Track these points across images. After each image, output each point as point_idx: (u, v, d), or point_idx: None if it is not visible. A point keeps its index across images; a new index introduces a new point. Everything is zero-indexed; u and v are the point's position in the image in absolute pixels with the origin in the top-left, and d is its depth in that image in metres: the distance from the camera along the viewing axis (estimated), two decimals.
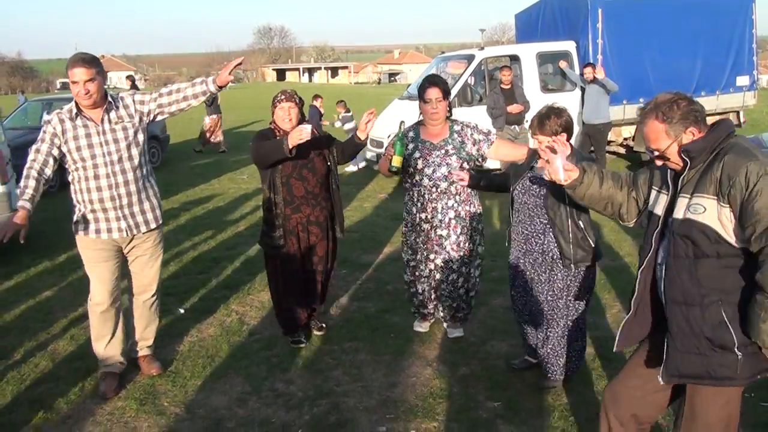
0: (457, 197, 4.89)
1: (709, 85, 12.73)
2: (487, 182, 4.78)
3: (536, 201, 4.11)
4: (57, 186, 10.39)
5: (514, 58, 12.60)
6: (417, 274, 5.11)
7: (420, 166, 4.87)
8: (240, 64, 4.48)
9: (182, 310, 5.98)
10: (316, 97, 15.70)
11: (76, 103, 4.19)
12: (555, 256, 4.11)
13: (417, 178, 4.91)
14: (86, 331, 5.39)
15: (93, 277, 4.46)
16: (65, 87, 40.57)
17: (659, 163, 2.79)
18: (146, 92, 4.52)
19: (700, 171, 2.65)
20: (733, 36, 12.92)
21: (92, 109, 4.21)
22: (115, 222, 4.34)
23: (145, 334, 4.79)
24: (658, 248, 2.84)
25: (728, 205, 2.55)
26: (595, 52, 12.02)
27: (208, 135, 17.67)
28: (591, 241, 4.08)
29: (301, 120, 4.96)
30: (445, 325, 5.27)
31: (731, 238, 2.58)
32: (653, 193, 2.94)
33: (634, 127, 12.25)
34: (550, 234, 4.08)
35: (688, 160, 2.66)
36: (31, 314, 6.06)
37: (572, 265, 4.05)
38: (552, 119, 3.92)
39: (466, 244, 4.98)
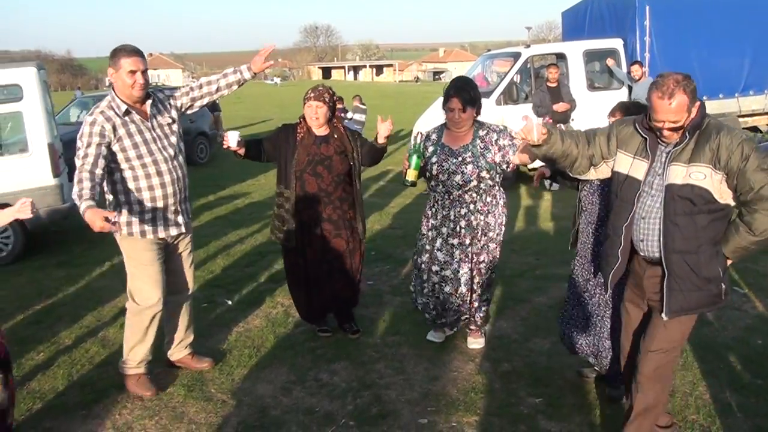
0: (472, 206, 4.68)
1: (758, 84, 12.48)
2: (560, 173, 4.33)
3: (606, 201, 3.93)
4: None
5: (561, 56, 12.49)
6: (421, 287, 4.95)
7: (435, 171, 4.69)
8: (272, 50, 4.49)
9: (229, 302, 6.11)
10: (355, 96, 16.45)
11: (121, 99, 4.08)
12: None
13: (432, 183, 4.78)
14: None
15: (146, 280, 4.27)
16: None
17: (668, 134, 3.13)
18: (176, 87, 4.57)
19: (688, 144, 3.13)
20: None
21: (140, 104, 4.16)
22: (173, 217, 4.30)
23: (188, 332, 4.75)
24: (637, 205, 3.29)
25: (721, 173, 3.08)
26: (642, 49, 11.87)
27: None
28: None
29: (331, 118, 4.99)
30: (468, 332, 5.10)
31: (719, 198, 3.13)
32: (624, 158, 3.36)
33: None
34: None
35: (687, 135, 3.13)
36: (81, 303, 6.25)
37: None
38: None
39: (476, 255, 4.75)
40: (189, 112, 4.56)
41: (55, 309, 6.08)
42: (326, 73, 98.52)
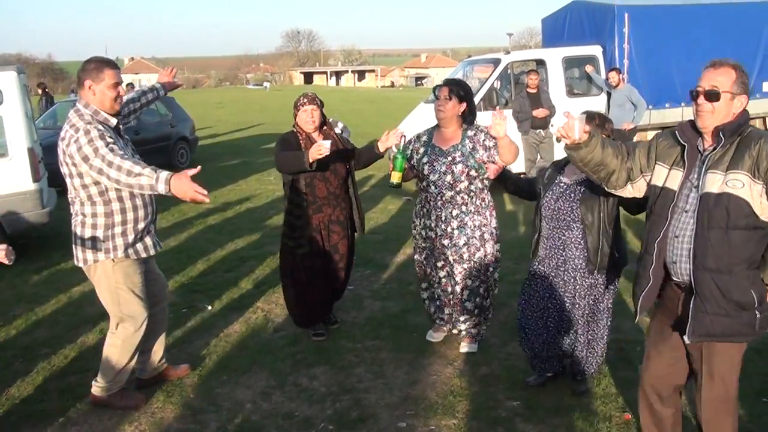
0: (464, 207, 4.78)
1: None
2: (515, 183, 4.61)
3: (571, 206, 4.02)
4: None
5: (541, 63, 12.59)
6: (428, 282, 5.10)
7: (426, 172, 4.79)
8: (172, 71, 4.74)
9: (209, 307, 6.11)
10: None
11: (105, 113, 3.93)
12: (583, 263, 4.05)
13: (423, 184, 4.87)
14: None
15: (134, 302, 4.13)
16: None
17: (702, 102, 2.95)
18: None
19: (727, 150, 2.88)
20: (759, 41, 12.85)
21: (114, 118, 4.01)
22: (152, 237, 4.22)
23: (163, 341, 4.62)
24: (671, 220, 3.03)
25: (761, 183, 2.81)
26: (621, 56, 12.00)
27: None
28: (620, 246, 4.10)
29: (323, 122, 5.12)
30: (462, 335, 5.12)
31: (760, 213, 2.85)
32: (660, 169, 3.12)
33: (660, 131, 12.20)
34: (587, 239, 3.98)
35: (722, 138, 2.88)
36: (61, 308, 6.24)
37: (596, 271, 4.03)
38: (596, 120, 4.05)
39: (470, 256, 4.83)
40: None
41: (34, 315, 6.05)
42: (308, 78, 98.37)
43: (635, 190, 3.28)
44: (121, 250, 4.01)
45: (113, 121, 3.98)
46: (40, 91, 23.11)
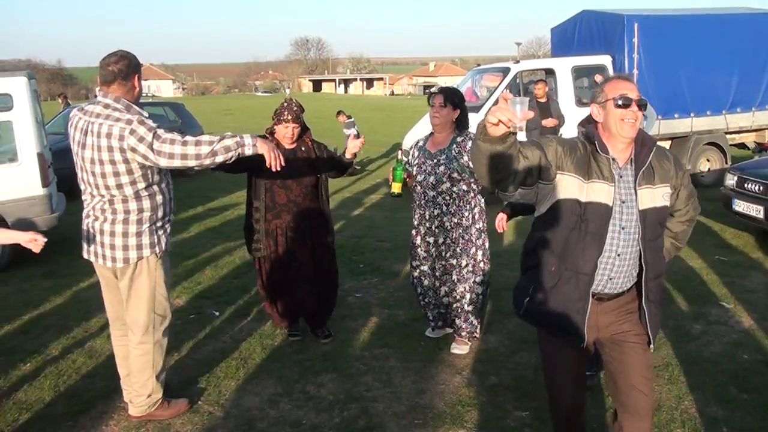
0: (444, 207, 4.95)
1: (745, 101, 12.58)
2: (520, 208, 4.57)
3: None
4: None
5: (550, 72, 12.59)
6: (419, 282, 5.24)
7: (415, 172, 5.03)
8: None
9: (217, 313, 6.10)
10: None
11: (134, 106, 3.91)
12: None
13: (414, 185, 5.07)
14: None
15: (166, 299, 4.14)
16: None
17: (635, 110, 2.83)
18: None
19: (646, 164, 2.89)
20: None
21: None
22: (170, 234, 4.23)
23: None
24: (610, 238, 2.91)
25: (673, 191, 3.01)
26: (630, 66, 11.95)
27: None
28: None
29: (302, 133, 5.19)
30: (455, 337, 5.23)
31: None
32: (571, 180, 2.88)
33: (670, 141, 12.18)
34: None
35: (645, 149, 2.92)
36: (69, 313, 6.23)
37: None
38: None
39: (449, 256, 5.00)
40: None
41: (42, 319, 6.06)
42: (317, 85, 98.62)
43: (519, 196, 3.01)
44: (164, 242, 4.05)
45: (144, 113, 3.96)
46: (61, 101, 23.25)
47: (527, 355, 5.09)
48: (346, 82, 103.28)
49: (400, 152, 5.09)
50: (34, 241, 3.52)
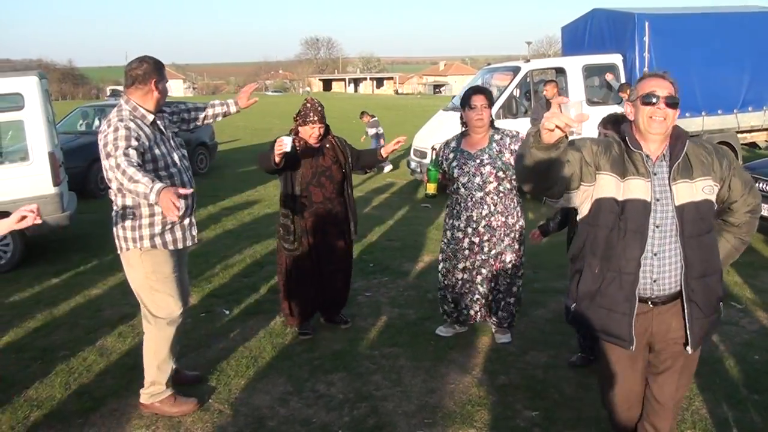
0: (492, 207, 4.99)
1: (757, 100, 12.53)
2: (556, 224, 4.94)
3: None
4: (106, 188, 10.65)
5: (560, 71, 12.56)
6: (446, 282, 5.24)
7: (456, 174, 5.02)
8: (257, 89, 4.71)
9: (227, 312, 6.11)
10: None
11: (145, 109, 4.04)
12: None
13: (454, 187, 5.07)
14: (134, 328, 5.58)
15: (171, 292, 4.19)
16: (116, 94, 41.20)
17: (664, 107, 2.80)
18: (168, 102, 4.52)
19: (680, 158, 2.85)
20: None
21: (152, 115, 4.11)
22: (189, 230, 4.26)
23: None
24: (649, 236, 2.87)
25: (719, 184, 2.90)
26: (641, 65, 11.92)
27: None
28: None
29: (326, 133, 5.28)
30: (493, 329, 5.38)
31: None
32: (609, 179, 2.87)
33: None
34: None
35: (679, 145, 2.87)
36: (80, 311, 6.26)
37: None
38: None
39: (496, 254, 5.06)
40: (174, 130, 4.50)
41: (53, 318, 6.08)
42: (327, 85, 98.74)
43: (565, 201, 2.95)
44: (147, 240, 4.07)
45: (150, 117, 4.08)
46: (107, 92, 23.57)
47: (537, 355, 5.07)
48: (356, 82, 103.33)
49: (432, 152, 5.12)
50: (26, 218, 3.28)
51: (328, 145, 5.29)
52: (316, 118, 5.13)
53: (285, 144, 4.70)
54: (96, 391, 4.59)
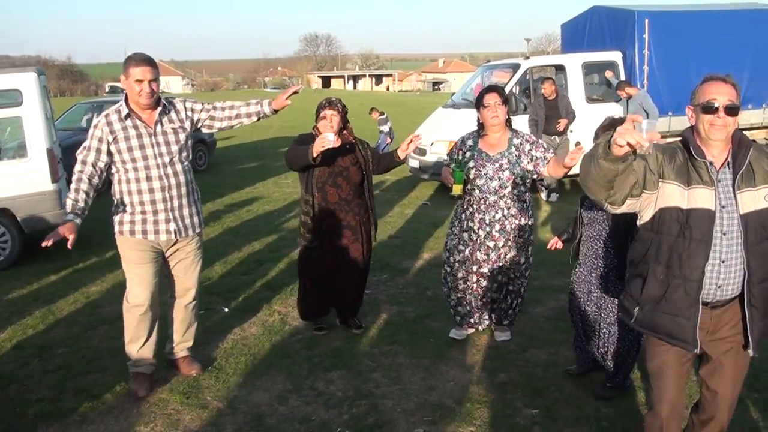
0: (506, 211, 4.94)
1: (757, 97, 12.52)
2: (573, 238, 4.71)
3: (605, 214, 4.14)
4: (106, 186, 10.63)
5: (560, 68, 12.53)
6: (455, 284, 5.19)
7: (472, 176, 4.93)
8: (297, 92, 4.64)
9: (226, 309, 6.10)
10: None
11: (127, 104, 4.23)
12: (614, 272, 4.16)
13: (468, 187, 5.00)
14: None
15: (133, 279, 4.43)
16: (114, 90, 41.21)
17: (724, 115, 2.79)
18: (198, 101, 4.62)
19: (744, 166, 2.82)
20: None
21: (146, 111, 4.26)
22: (164, 224, 4.37)
23: (186, 336, 4.83)
24: (715, 245, 2.87)
25: None
26: (641, 62, 11.91)
27: None
28: None
29: (343, 127, 5.17)
30: (492, 327, 5.36)
31: None
32: (673, 188, 2.86)
33: (680, 138, 12.11)
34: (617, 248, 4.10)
35: (742, 152, 2.84)
36: (78, 308, 6.25)
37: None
38: None
39: (511, 257, 5.03)
40: (205, 130, 4.67)
41: (51, 315, 6.07)
42: (326, 82, 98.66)
43: (626, 207, 2.91)
44: (116, 225, 4.39)
45: (144, 114, 4.27)
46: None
47: (537, 352, 5.06)
48: (355, 79, 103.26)
49: (454, 149, 5.08)
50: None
51: (347, 146, 5.17)
52: (326, 104, 5.10)
53: (329, 141, 4.65)
54: (94, 389, 4.58)
